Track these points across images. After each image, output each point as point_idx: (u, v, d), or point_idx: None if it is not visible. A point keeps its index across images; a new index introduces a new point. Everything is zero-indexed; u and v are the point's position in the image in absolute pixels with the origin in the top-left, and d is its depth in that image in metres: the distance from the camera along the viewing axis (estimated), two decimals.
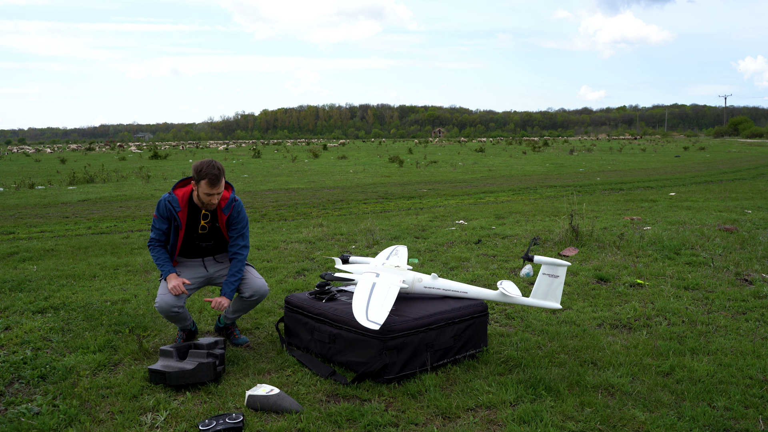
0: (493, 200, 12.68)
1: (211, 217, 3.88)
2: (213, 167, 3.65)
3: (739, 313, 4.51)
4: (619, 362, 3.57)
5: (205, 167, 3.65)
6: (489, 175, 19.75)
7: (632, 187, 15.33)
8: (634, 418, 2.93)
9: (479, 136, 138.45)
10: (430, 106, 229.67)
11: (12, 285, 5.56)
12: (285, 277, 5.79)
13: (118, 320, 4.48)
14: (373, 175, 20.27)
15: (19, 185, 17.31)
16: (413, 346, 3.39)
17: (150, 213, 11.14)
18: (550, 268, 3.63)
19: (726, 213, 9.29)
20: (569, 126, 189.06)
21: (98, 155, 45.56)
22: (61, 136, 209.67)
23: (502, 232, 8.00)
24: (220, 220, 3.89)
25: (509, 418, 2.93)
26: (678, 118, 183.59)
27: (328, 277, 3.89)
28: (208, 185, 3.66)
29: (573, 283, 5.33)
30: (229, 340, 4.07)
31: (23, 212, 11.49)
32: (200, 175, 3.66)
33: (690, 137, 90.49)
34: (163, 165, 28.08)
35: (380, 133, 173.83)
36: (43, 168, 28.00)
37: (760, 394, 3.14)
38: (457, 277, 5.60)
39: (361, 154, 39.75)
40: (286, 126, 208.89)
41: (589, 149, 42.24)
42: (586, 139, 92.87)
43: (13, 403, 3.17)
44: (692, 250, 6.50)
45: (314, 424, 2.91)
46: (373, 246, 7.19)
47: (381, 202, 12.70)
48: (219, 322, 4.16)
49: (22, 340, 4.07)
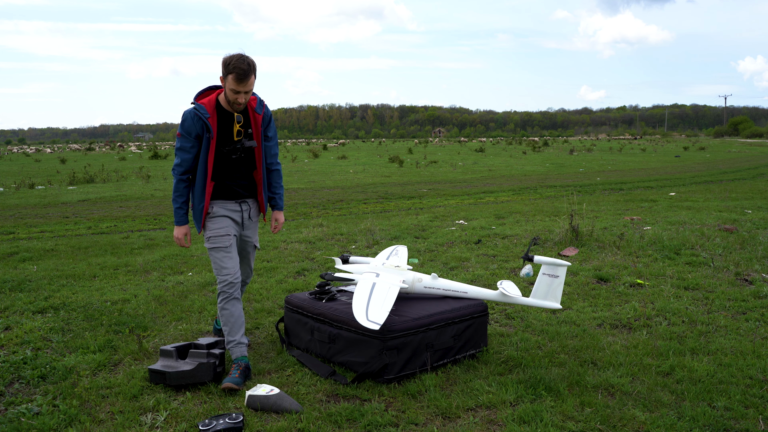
0: (493, 200, 12.68)
1: (244, 121, 3.52)
2: (242, 61, 3.30)
3: (739, 313, 4.51)
4: (619, 362, 3.57)
5: (234, 60, 3.29)
6: (489, 175, 19.75)
7: (632, 187, 15.33)
8: (634, 418, 2.93)
9: (479, 136, 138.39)
10: (430, 106, 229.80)
11: (12, 285, 5.56)
12: (285, 277, 5.79)
13: (118, 320, 4.48)
14: (373, 175, 20.27)
15: (19, 185, 17.31)
16: (413, 346, 3.39)
17: (150, 213, 11.15)
18: (550, 268, 3.63)
19: (726, 213, 9.29)
20: (569, 126, 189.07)
21: (98, 155, 45.56)
22: (61, 136, 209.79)
23: (502, 232, 8.00)
24: (254, 123, 3.54)
25: (509, 418, 2.93)
26: (678, 118, 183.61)
27: (328, 277, 3.89)
28: (235, 80, 3.30)
29: (573, 283, 5.33)
30: None
31: (23, 212, 11.49)
32: (228, 69, 3.30)
33: (690, 137, 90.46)
34: (163, 165, 28.07)
35: (380, 133, 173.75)
36: (43, 168, 28.00)
37: (760, 394, 3.14)
38: (457, 277, 5.60)
39: (361, 154, 39.74)
40: (286, 126, 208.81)
41: (589, 149, 42.24)
42: (586, 139, 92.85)
43: (13, 403, 3.17)
44: (692, 250, 6.50)
45: (314, 424, 2.91)
46: (373, 246, 7.19)
47: (381, 202, 12.70)
48: (217, 324, 4.07)
49: (22, 340, 4.07)
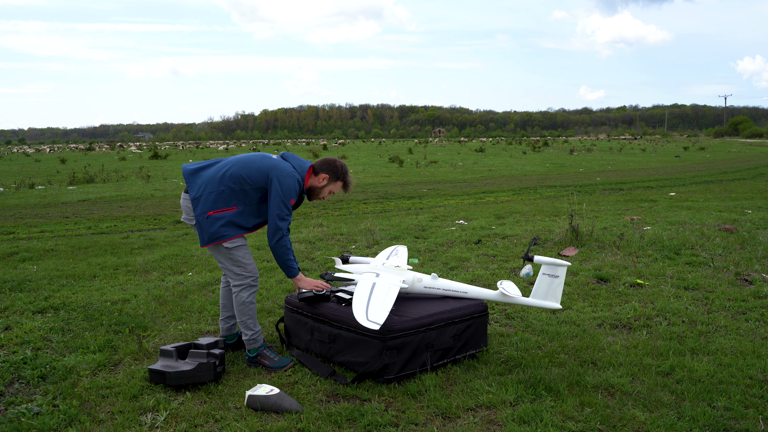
0: (493, 200, 12.68)
1: None
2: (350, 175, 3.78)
3: (739, 313, 4.51)
4: (619, 362, 3.57)
5: (347, 172, 3.74)
6: (489, 175, 19.75)
7: (632, 187, 15.33)
8: (634, 418, 2.93)
9: (479, 136, 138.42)
10: (430, 106, 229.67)
11: (12, 285, 5.56)
12: (285, 277, 5.79)
13: (118, 320, 4.48)
14: (373, 175, 20.27)
15: (19, 185, 17.31)
16: (413, 346, 3.39)
17: (150, 213, 11.14)
18: (550, 268, 3.63)
19: (726, 213, 9.29)
20: (569, 126, 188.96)
21: (98, 155, 45.56)
22: (61, 136, 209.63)
23: (502, 232, 8.00)
24: None
25: (509, 418, 2.93)
26: (678, 118, 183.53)
27: (328, 277, 3.89)
28: (343, 189, 3.76)
29: (573, 283, 5.33)
30: None
31: (23, 212, 11.49)
32: (342, 176, 3.71)
33: (690, 137, 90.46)
34: (163, 165, 28.08)
35: (380, 133, 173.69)
36: (43, 168, 27.99)
37: (760, 394, 3.14)
38: (457, 277, 5.60)
39: (361, 154, 39.74)
40: (286, 126, 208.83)
41: (589, 149, 42.23)
42: (586, 139, 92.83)
43: (13, 403, 3.17)
44: (692, 250, 6.50)
45: (314, 424, 2.91)
46: (373, 246, 7.19)
47: (381, 202, 12.70)
48: (249, 353, 3.70)
49: (22, 340, 4.07)
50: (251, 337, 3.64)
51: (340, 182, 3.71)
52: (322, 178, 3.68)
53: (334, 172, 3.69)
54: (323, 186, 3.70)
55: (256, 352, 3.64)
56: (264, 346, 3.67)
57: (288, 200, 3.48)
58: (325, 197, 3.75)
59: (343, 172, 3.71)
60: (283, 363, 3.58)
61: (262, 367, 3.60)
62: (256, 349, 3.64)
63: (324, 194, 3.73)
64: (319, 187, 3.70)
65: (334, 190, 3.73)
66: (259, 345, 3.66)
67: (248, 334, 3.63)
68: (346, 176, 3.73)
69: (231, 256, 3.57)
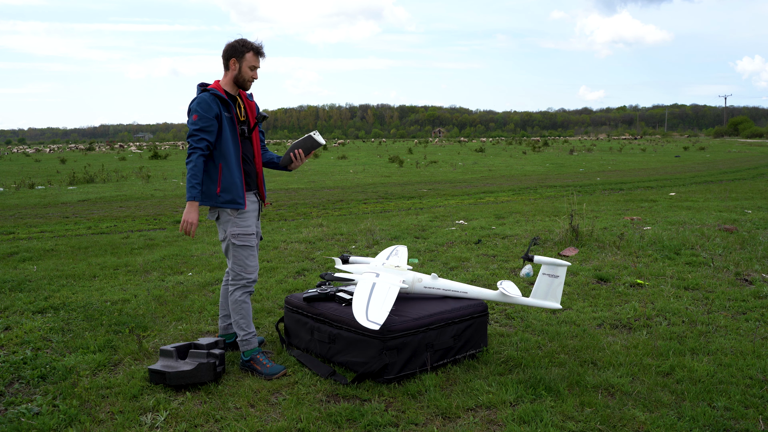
0: (493, 200, 12.68)
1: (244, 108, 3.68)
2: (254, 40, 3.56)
3: (739, 313, 4.51)
4: (619, 362, 3.57)
5: (247, 40, 3.54)
6: (489, 175, 19.75)
7: (632, 187, 15.33)
8: (634, 418, 2.93)
9: (479, 136, 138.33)
10: (430, 106, 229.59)
11: (12, 285, 5.56)
12: (285, 277, 5.79)
13: (118, 320, 4.48)
14: (373, 175, 20.27)
15: (19, 185, 17.31)
16: (413, 346, 3.39)
17: (150, 213, 11.15)
18: (550, 268, 3.63)
19: (726, 213, 9.29)
20: (569, 126, 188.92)
21: (98, 155, 45.56)
22: (61, 136, 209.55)
23: (502, 232, 8.00)
24: (249, 110, 3.71)
25: (509, 418, 2.93)
26: (678, 118, 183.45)
27: (328, 277, 3.89)
28: (255, 56, 3.56)
29: (573, 283, 5.33)
30: None
31: (23, 212, 11.49)
32: (246, 47, 3.53)
33: (690, 137, 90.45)
34: (163, 165, 28.08)
35: (380, 133, 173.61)
36: (43, 168, 27.99)
37: (760, 394, 3.14)
38: (457, 277, 5.60)
39: (361, 154, 39.74)
40: (286, 126, 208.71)
41: (589, 149, 42.24)
42: (586, 139, 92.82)
43: (13, 403, 3.17)
44: (692, 250, 6.50)
45: (314, 424, 2.91)
46: (373, 246, 7.19)
47: (381, 202, 12.70)
48: (243, 356, 3.67)
49: (22, 340, 4.07)
50: (243, 337, 3.63)
51: (248, 53, 3.53)
52: (233, 64, 3.56)
53: (235, 51, 3.54)
54: (240, 69, 3.56)
55: (250, 356, 3.60)
56: (258, 350, 3.63)
57: (191, 116, 3.47)
58: (255, 76, 3.59)
59: (243, 44, 3.54)
60: (275, 370, 3.53)
61: (253, 372, 3.57)
62: (250, 353, 3.61)
63: (249, 75, 3.57)
64: (239, 74, 3.57)
65: (253, 63, 3.55)
66: (253, 348, 3.63)
67: (241, 335, 3.63)
68: (247, 44, 3.53)
69: (237, 253, 3.60)
